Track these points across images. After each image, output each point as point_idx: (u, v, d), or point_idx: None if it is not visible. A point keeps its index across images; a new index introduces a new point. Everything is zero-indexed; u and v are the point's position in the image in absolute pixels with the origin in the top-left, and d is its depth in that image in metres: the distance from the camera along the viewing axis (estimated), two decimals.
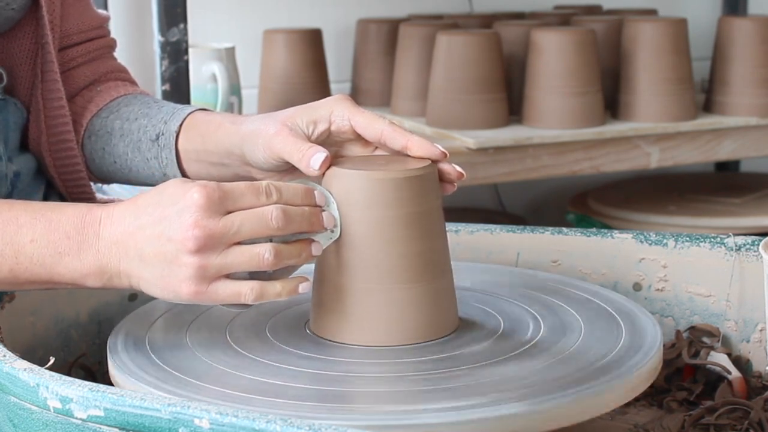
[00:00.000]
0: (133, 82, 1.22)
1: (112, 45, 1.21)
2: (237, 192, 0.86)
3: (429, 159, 0.93)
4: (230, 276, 0.86)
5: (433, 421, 0.77)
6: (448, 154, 0.94)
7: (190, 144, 1.07)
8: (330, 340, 0.92)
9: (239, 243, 0.85)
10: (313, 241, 0.89)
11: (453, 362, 0.87)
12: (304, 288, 0.88)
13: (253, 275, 0.88)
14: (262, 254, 0.85)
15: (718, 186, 2.30)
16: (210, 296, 0.86)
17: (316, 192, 0.90)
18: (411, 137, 0.94)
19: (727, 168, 2.57)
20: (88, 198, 1.15)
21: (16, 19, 1.07)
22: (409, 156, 0.94)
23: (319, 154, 0.91)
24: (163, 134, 1.08)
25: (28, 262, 0.88)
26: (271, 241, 0.87)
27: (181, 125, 1.07)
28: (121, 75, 1.21)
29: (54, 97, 1.09)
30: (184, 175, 1.08)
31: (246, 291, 0.86)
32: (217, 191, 0.85)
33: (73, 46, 1.15)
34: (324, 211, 0.90)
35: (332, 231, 0.90)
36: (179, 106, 1.12)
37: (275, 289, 0.87)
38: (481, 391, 0.82)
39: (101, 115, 1.14)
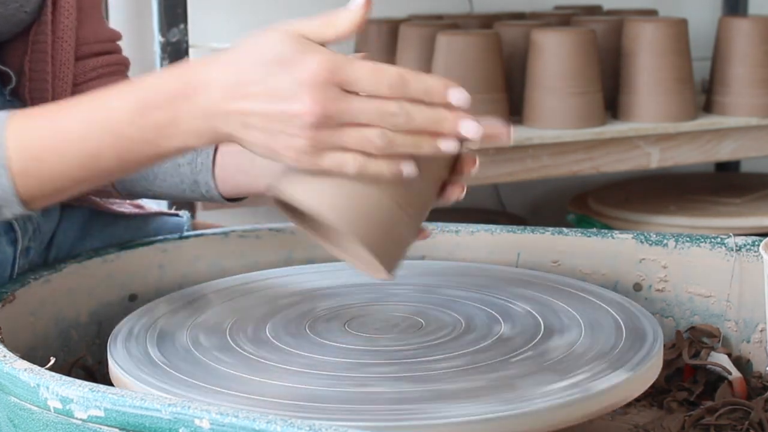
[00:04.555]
0: None
1: (127, 63, 1.20)
2: (359, 74, 0.81)
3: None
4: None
5: (432, 422, 0.77)
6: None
7: (229, 147, 1.07)
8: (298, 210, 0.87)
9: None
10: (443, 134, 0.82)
11: (452, 363, 0.87)
12: (408, 170, 0.83)
13: None
14: (372, 138, 0.81)
15: (718, 186, 2.30)
16: (312, 164, 0.82)
17: (453, 90, 0.82)
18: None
19: (727, 168, 2.57)
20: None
21: (28, 21, 1.07)
22: None
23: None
24: None
25: (131, 143, 0.86)
26: None
27: None
28: None
29: (41, 97, 1.08)
30: (215, 183, 1.09)
31: (349, 160, 0.82)
32: (340, 65, 0.80)
33: (92, 57, 1.15)
34: (463, 115, 0.82)
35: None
36: None
37: (377, 165, 0.82)
38: (481, 391, 0.82)
39: None
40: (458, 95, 0.82)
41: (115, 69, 1.17)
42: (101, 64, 1.14)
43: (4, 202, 0.88)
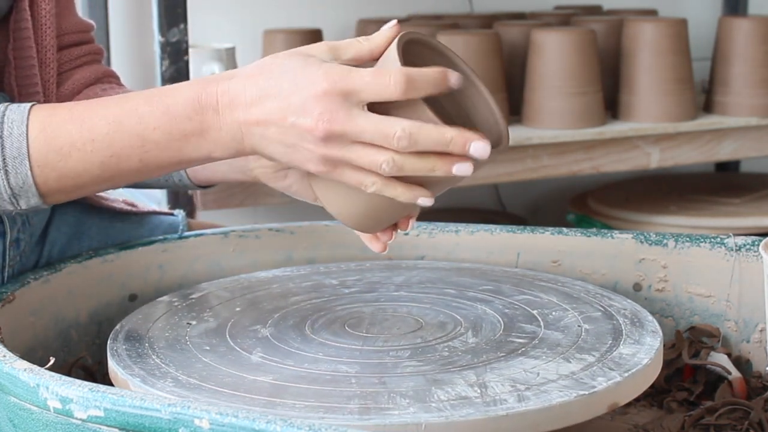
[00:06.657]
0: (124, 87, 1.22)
1: (102, 53, 1.21)
2: (361, 82, 0.82)
3: None
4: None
5: (432, 420, 0.77)
6: None
7: None
8: None
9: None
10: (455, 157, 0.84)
11: (451, 362, 0.87)
12: (424, 201, 0.86)
13: None
14: (380, 163, 0.83)
15: (718, 186, 2.30)
16: (335, 176, 0.86)
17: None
18: None
19: (727, 168, 2.57)
20: None
21: (4, 10, 1.06)
22: None
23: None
24: None
25: (157, 149, 0.88)
26: None
27: None
28: (117, 80, 1.21)
29: (29, 83, 1.08)
30: (186, 173, 1.08)
31: (369, 182, 0.85)
32: (343, 74, 0.83)
33: (73, 46, 1.15)
34: (471, 136, 0.83)
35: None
36: None
37: (395, 189, 0.86)
38: (481, 390, 0.82)
39: None
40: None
41: (94, 58, 1.18)
42: (84, 53, 1.15)
43: (21, 192, 0.90)
